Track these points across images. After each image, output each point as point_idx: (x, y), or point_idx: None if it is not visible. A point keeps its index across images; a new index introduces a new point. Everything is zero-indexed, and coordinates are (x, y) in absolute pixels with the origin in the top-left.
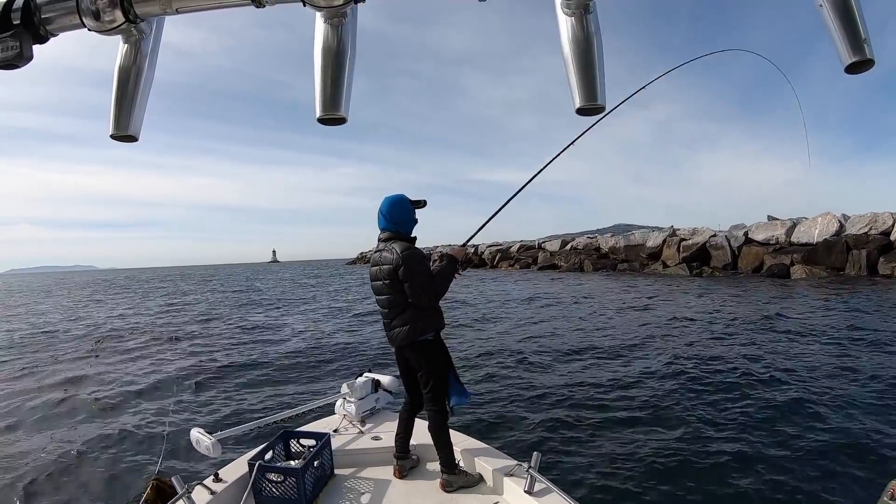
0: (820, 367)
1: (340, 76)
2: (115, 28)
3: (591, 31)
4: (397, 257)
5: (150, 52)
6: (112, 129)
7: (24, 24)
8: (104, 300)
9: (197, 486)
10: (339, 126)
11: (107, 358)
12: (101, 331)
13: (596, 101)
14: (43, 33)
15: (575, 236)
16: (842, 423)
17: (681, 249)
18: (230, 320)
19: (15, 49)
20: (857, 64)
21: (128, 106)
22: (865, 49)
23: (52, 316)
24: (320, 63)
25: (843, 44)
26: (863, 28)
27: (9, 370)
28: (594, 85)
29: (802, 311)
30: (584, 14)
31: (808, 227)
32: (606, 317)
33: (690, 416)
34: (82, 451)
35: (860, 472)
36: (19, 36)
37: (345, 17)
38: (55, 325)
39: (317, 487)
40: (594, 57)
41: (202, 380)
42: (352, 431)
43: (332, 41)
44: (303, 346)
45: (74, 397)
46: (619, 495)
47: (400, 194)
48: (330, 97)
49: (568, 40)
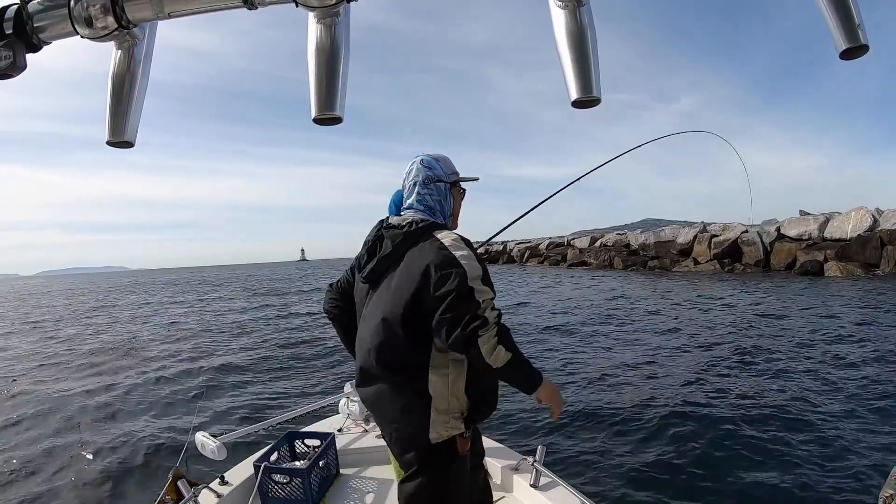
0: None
1: (335, 76)
2: (108, 34)
3: (585, 24)
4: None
5: (144, 58)
6: (108, 136)
7: (17, 33)
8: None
9: (203, 489)
10: (335, 126)
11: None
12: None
13: (591, 93)
14: (36, 42)
15: (604, 232)
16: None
17: (712, 246)
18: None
19: (8, 59)
20: (851, 50)
21: (123, 112)
22: (860, 35)
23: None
24: (314, 63)
25: (837, 30)
26: (857, 14)
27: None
28: (589, 77)
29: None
30: (578, 7)
31: (840, 223)
32: (626, 314)
33: (702, 409)
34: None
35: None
36: (12, 45)
37: (338, 16)
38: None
39: (323, 487)
40: (588, 49)
41: (205, 382)
42: (356, 431)
43: (325, 41)
44: (305, 346)
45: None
46: (627, 489)
47: None
48: (325, 97)
49: (562, 34)
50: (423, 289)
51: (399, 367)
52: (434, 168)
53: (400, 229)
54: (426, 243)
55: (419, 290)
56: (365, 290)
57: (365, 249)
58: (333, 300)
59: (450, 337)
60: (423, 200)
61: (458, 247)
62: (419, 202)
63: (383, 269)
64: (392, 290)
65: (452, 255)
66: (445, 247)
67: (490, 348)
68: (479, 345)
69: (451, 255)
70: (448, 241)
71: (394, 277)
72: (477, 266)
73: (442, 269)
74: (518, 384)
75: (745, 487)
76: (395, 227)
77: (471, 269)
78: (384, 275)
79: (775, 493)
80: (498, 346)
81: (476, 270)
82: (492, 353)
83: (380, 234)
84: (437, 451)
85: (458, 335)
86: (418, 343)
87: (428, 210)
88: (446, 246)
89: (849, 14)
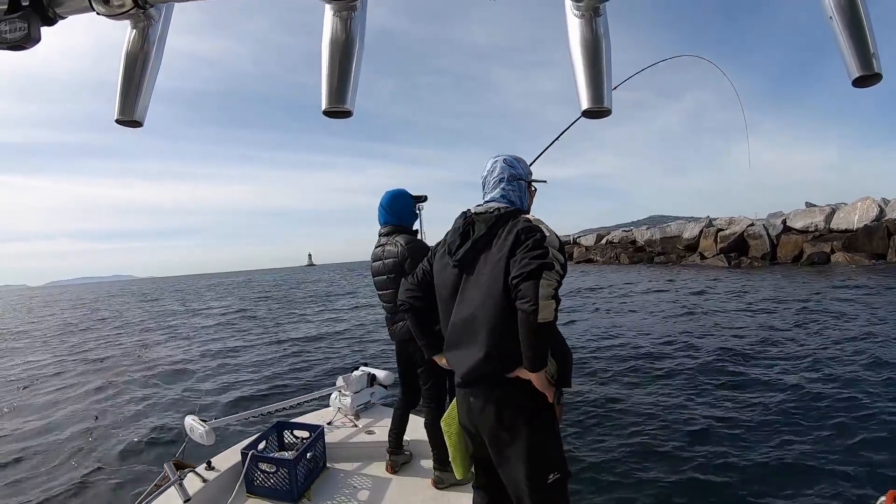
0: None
1: (348, 69)
2: (124, 13)
3: (601, 34)
4: (403, 249)
5: (158, 40)
6: (117, 114)
7: (33, 5)
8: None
9: (189, 473)
10: (345, 119)
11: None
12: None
13: (603, 103)
14: (52, 15)
15: (610, 230)
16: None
17: (718, 240)
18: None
19: (23, 30)
20: (864, 78)
21: (134, 92)
22: (874, 63)
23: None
24: (328, 55)
25: (851, 57)
26: (872, 43)
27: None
28: (601, 88)
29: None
30: (594, 17)
31: (847, 213)
32: (629, 306)
33: (699, 402)
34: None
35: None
36: (28, 17)
37: (354, 10)
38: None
39: (309, 479)
40: (602, 60)
41: (196, 368)
42: (346, 425)
43: (340, 34)
44: (301, 342)
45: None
46: (616, 487)
47: (401, 188)
48: (336, 90)
49: (576, 43)
50: (514, 250)
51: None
52: (516, 167)
53: (490, 214)
54: (515, 220)
55: (511, 252)
56: (455, 275)
57: (457, 235)
58: (411, 291)
59: (521, 269)
60: (507, 195)
61: (541, 223)
62: (502, 196)
63: (478, 250)
64: (490, 266)
65: (538, 226)
66: (531, 220)
67: (546, 294)
68: (540, 284)
69: (536, 226)
70: (533, 219)
71: (490, 255)
72: (556, 239)
73: (527, 232)
74: (534, 352)
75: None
76: (483, 213)
77: (551, 237)
78: (478, 256)
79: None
80: (552, 299)
81: (555, 241)
82: (545, 300)
83: (470, 219)
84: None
85: (528, 265)
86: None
87: (510, 204)
88: (531, 220)
89: (864, 42)
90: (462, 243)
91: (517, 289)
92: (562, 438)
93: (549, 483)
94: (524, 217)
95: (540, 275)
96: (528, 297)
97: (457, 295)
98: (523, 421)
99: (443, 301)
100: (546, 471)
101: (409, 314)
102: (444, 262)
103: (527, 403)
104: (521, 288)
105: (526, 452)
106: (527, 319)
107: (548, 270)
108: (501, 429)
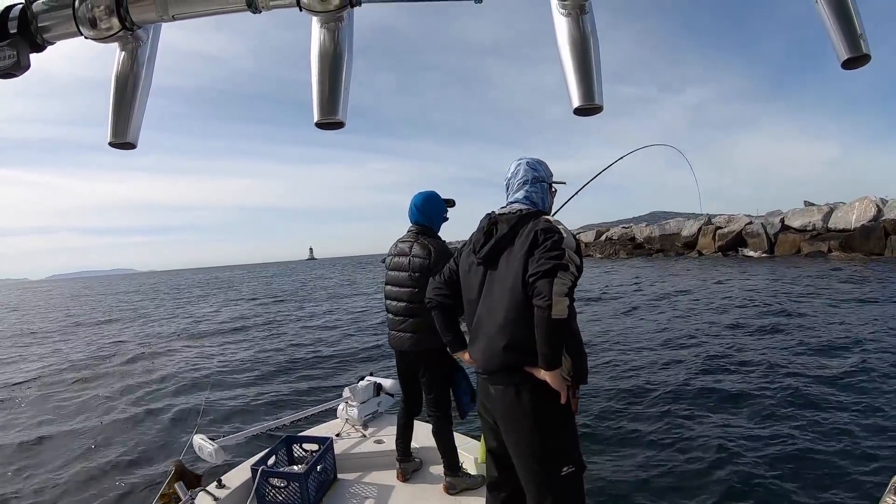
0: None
1: (338, 80)
2: (112, 36)
3: (588, 32)
4: (434, 253)
5: (148, 60)
6: (110, 137)
7: (21, 32)
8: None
9: (200, 492)
10: (338, 130)
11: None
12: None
13: (593, 101)
14: (40, 42)
15: (610, 226)
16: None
17: (716, 238)
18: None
19: (12, 58)
20: (853, 59)
21: (125, 114)
22: (861, 45)
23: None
24: (317, 68)
25: (839, 40)
26: (859, 24)
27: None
28: (591, 85)
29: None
30: (580, 14)
31: (845, 213)
32: (629, 297)
33: (701, 402)
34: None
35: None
36: (16, 45)
37: (341, 21)
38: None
39: (320, 492)
40: (591, 57)
41: (204, 384)
42: (354, 435)
43: (328, 46)
44: (304, 350)
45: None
46: (627, 491)
47: (432, 190)
48: (327, 102)
49: (564, 41)
50: (532, 249)
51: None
52: (538, 170)
53: (513, 214)
54: (536, 220)
55: (529, 251)
56: (480, 273)
57: (482, 234)
58: (438, 289)
59: (537, 267)
60: (530, 197)
61: (560, 223)
62: (526, 198)
63: (501, 248)
64: (511, 263)
65: (556, 228)
66: (550, 221)
67: (560, 291)
68: (555, 282)
69: (554, 227)
70: (553, 220)
71: (512, 252)
72: (573, 241)
73: (546, 232)
74: (549, 349)
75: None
76: (506, 214)
77: (568, 239)
78: (501, 253)
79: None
80: (566, 296)
81: (572, 243)
82: (559, 297)
83: (493, 220)
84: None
85: (544, 264)
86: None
87: (532, 205)
88: (551, 222)
89: (850, 24)
90: (486, 242)
91: (533, 286)
92: (577, 432)
93: (563, 476)
94: (544, 218)
95: (555, 274)
96: (543, 294)
97: (481, 291)
98: (540, 411)
99: (468, 297)
100: (560, 463)
101: (436, 311)
102: (470, 260)
103: (543, 395)
104: (537, 285)
105: (540, 444)
106: (542, 315)
107: (563, 271)
108: (518, 415)
